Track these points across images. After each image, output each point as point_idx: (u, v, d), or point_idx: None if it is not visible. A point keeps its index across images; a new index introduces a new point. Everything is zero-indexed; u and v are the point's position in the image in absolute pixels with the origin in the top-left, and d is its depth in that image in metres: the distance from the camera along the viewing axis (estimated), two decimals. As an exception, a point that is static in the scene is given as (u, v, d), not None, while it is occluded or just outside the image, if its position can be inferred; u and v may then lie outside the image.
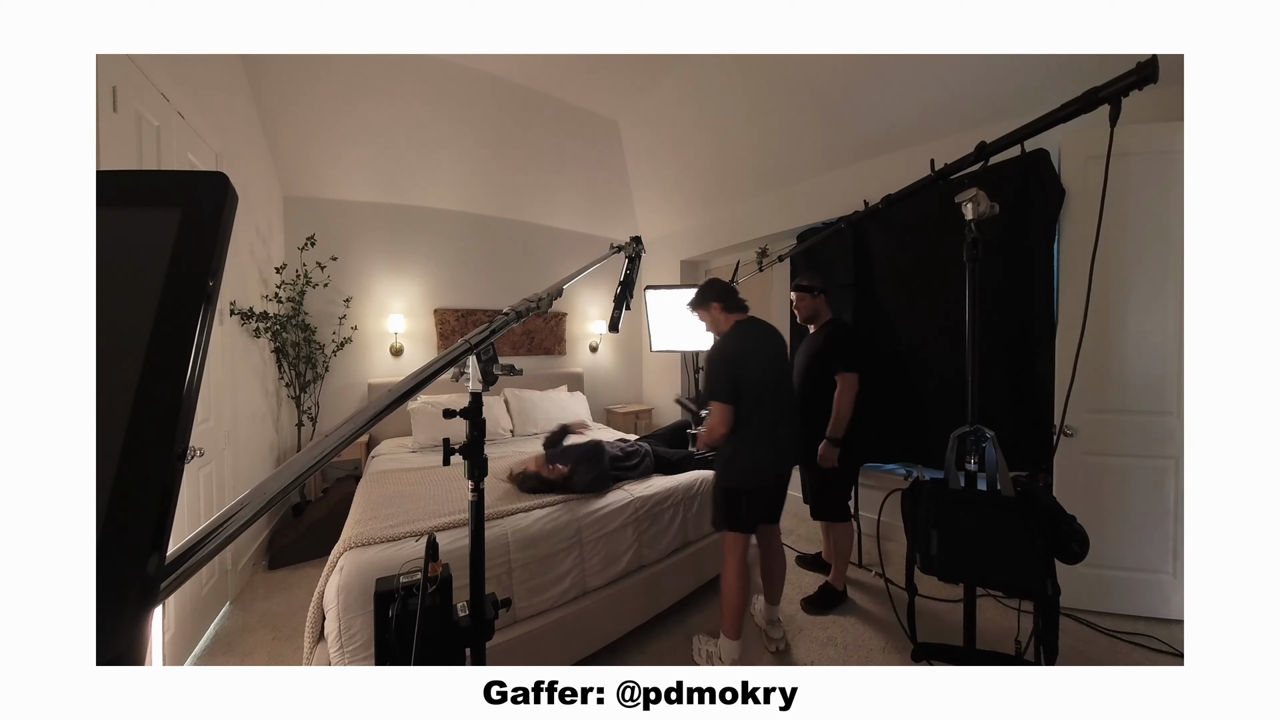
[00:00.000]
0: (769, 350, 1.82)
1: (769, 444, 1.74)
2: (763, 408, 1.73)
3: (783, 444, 1.78)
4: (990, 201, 1.42)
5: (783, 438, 1.77)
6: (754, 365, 1.74)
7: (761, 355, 1.78)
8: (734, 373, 1.71)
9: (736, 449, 1.75)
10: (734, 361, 1.73)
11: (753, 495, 1.76)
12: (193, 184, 0.39)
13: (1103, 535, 1.90)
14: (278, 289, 3.10)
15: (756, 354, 1.77)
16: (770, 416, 1.74)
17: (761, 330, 1.86)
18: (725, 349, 1.77)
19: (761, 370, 1.74)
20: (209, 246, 0.37)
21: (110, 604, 0.30)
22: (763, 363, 1.76)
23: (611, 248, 1.56)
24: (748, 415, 1.72)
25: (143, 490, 0.32)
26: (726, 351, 1.76)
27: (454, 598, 0.96)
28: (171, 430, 0.33)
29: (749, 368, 1.72)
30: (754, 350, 1.77)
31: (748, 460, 1.73)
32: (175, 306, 0.35)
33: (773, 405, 1.75)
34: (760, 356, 1.77)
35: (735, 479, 1.76)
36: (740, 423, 1.72)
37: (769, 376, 1.76)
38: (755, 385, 1.72)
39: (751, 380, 1.71)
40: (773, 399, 1.75)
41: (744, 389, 1.71)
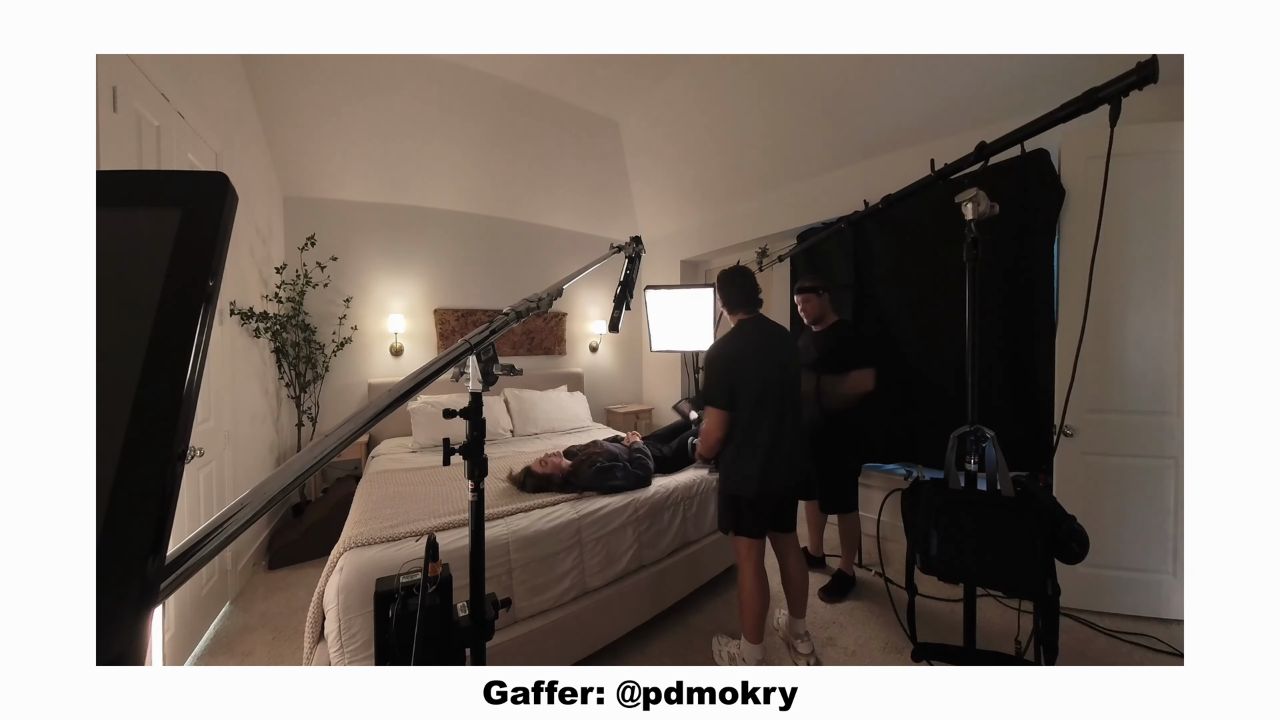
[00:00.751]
0: (774, 353, 1.71)
1: (771, 452, 1.65)
2: (765, 414, 1.65)
3: (788, 452, 1.69)
4: (990, 201, 1.42)
5: (788, 446, 1.68)
6: (754, 369, 1.66)
7: (764, 358, 1.68)
8: (730, 377, 1.64)
9: (736, 455, 1.69)
10: (730, 365, 1.65)
11: (756, 502, 1.69)
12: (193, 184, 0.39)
13: (1103, 535, 1.91)
14: (278, 289, 3.10)
15: (758, 357, 1.68)
16: (773, 423, 1.66)
17: (767, 330, 1.76)
18: (722, 351, 1.69)
19: (764, 374, 1.66)
20: (209, 246, 0.37)
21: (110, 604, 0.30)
22: (765, 366, 1.67)
23: (611, 248, 1.55)
24: (747, 421, 1.66)
25: (142, 491, 0.32)
26: (722, 354, 1.68)
27: (454, 598, 0.96)
28: (171, 430, 0.33)
29: (748, 372, 1.65)
30: (755, 353, 1.68)
31: (748, 467, 1.66)
32: (175, 306, 0.35)
33: (775, 411, 1.66)
34: (763, 359, 1.68)
35: (736, 485, 1.70)
36: (739, 429, 1.67)
37: (772, 381, 1.67)
38: (756, 390, 1.65)
39: (751, 385, 1.64)
40: (775, 404, 1.67)
41: (742, 394, 1.64)
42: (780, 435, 1.68)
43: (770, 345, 1.73)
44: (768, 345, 1.73)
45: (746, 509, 1.70)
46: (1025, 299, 2.23)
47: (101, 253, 0.36)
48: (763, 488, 1.66)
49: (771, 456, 1.66)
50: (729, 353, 1.69)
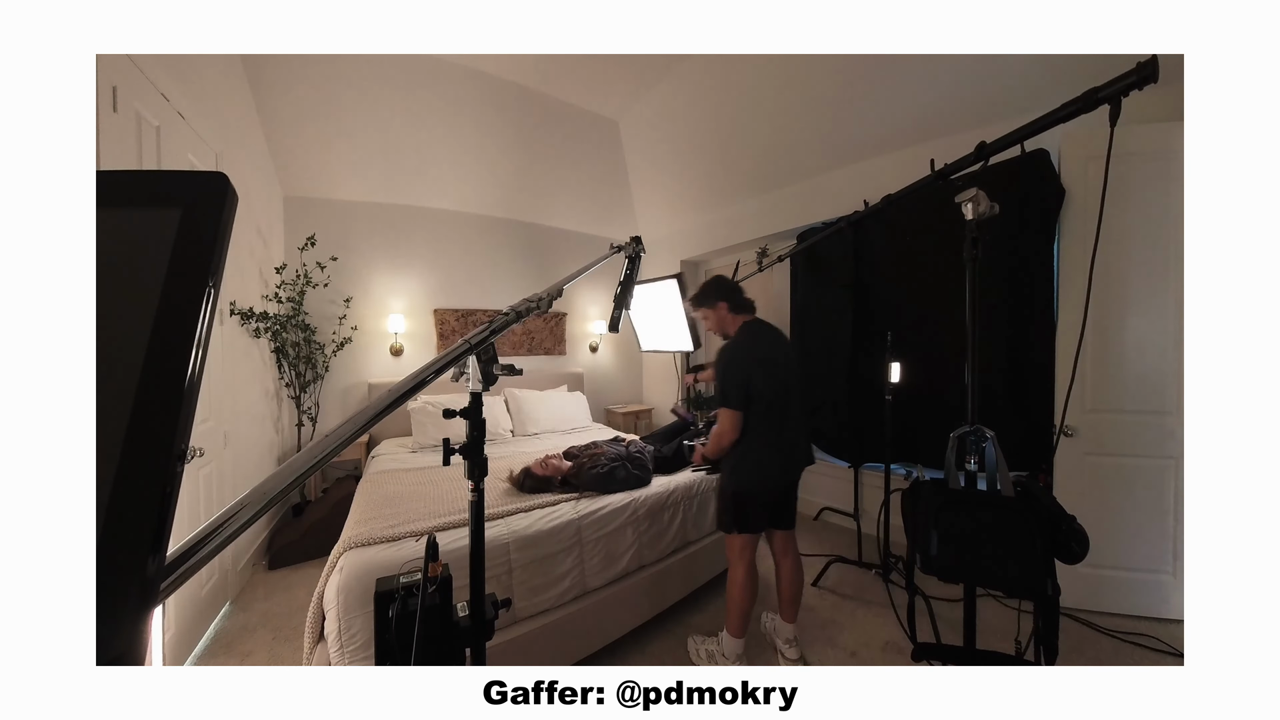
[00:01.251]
0: (778, 353, 1.79)
1: (777, 449, 1.72)
2: (771, 412, 1.71)
3: (791, 449, 1.76)
4: (990, 201, 1.42)
5: (791, 442, 1.76)
6: (765, 369, 1.71)
7: (772, 358, 1.75)
8: (746, 378, 1.68)
9: (744, 453, 1.73)
10: (746, 366, 1.70)
11: (760, 498, 1.74)
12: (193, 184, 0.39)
13: (1103, 535, 1.91)
14: (278, 289, 3.10)
15: (768, 357, 1.75)
16: (778, 421, 1.73)
17: (770, 332, 1.84)
18: (737, 353, 1.74)
19: (772, 374, 1.72)
20: (209, 247, 0.37)
21: (110, 604, 0.30)
22: (773, 366, 1.74)
23: (611, 247, 1.55)
24: (756, 421, 1.71)
25: (143, 490, 0.32)
26: (739, 356, 1.73)
27: (454, 598, 0.95)
28: (171, 430, 0.33)
29: (761, 372, 1.70)
30: (766, 353, 1.75)
31: (755, 465, 1.72)
32: (175, 307, 0.35)
33: (780, 409, 1.73)
34: (771, 360, 1.75)
35: (743, 483, 1.74)
36: (748, 428, 1.71)
37: (779, 380, 1.73)
38: (766, 390, 1.70)
39: (762, 385, 1.69)
40: (781, 403, 1.73)
41: (755, 394, 1.69)
42: (791, 431, 1.75)
43: (774, 344, 1.81)
44: (772, 344, 1.81)
45: (752, 505, 1.74)
46: (1025, 299, 2.23)
47: (101, 253, 0.36)
48: (768, 484, 1.74)
49: (781, 451, 1.74)
50: (744, 354, 1.74)
